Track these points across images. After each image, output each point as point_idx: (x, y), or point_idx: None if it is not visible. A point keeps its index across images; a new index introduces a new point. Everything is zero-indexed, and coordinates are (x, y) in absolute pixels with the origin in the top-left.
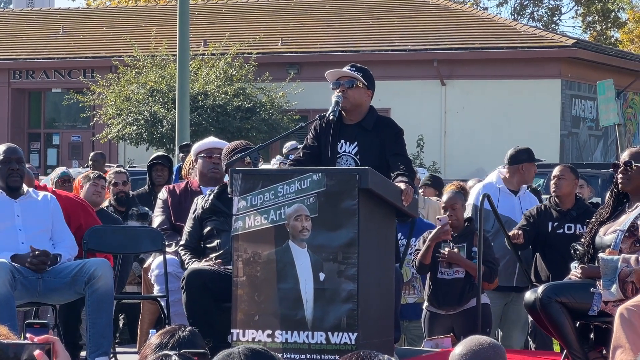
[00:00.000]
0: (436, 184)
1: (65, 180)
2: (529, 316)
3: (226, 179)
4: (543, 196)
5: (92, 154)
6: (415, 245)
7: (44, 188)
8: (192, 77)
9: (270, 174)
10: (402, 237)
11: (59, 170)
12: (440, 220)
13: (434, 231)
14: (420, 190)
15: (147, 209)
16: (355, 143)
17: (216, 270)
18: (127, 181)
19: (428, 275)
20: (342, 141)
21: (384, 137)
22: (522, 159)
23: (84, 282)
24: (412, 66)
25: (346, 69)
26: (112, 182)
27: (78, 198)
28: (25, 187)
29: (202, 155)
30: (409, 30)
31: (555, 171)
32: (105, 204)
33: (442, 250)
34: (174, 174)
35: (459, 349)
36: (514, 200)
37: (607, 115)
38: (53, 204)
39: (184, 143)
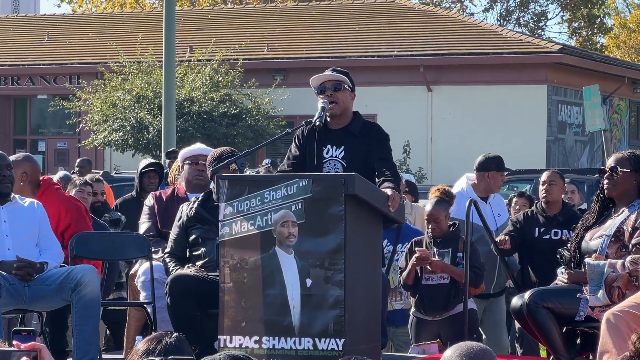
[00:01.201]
0: (411, 191)
1: (66, 182)
2: (516, 321)
3: (212, 186)
4: None
5: (78, 160)
6: (401, 252)
7: (49, 181)
8: (178, 83)
9: (257, 180)
10: (389, 244)
11: (61, 173)
12: (419, 252)
13: (413, 257)
14: None
15: (119, 214)
16: (342, 147)
17: (200, 275)
18: (104, 192)
19: None
20: (329, 146)
21: (371, 141)
22: (489, 167)
23: (70, 288)
24: (398, 72)
25: (328, 72)
26: (92, 190)
27: (79, 202)
28: (12, 194)
29: (188, 162)
30: (395, 36)
31: (545, 177)
32: None
33: (418, 250)
34: (164, 180)
35: (449, 352)
36: (486, 208)
37: (593, 121)
38: (40, 211)
39: (171, 149)
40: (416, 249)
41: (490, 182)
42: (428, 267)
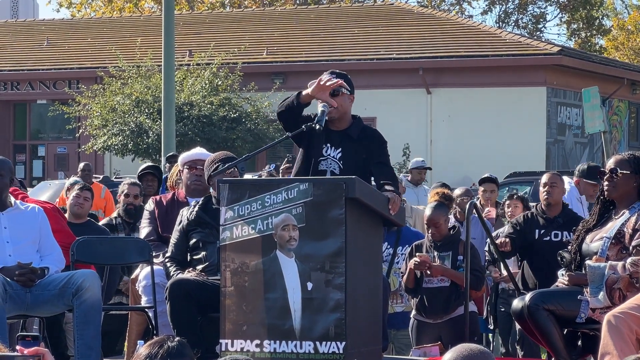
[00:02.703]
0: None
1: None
2: (517, 324)
3: (211, 190)
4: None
5: (82, 164)
6: (401, 254)
7: (14, 192)
8: (177, 87)
9: (257, 184)
10: (389, 247)
11: (72, 179)
12: (419, 257)
13: (411, 261)
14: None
15: None
16: (340, 149)
17: (200, 279)
18: (139, 195)
19: None
20: (328, 145)
21: (369, 147)
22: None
23: (71, 293)
24: (397, 75)
25: (326, 75)
26: (125, 192)
27: (46, 203)
28: (12, 199)
29: (186, 166)
30: (394, 39)
31: (546, 179)
32: (114, 214)
33: (417, 255)
34: (162, 184)
35: (449, 355)
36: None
37: (592, 123)
38: (40, 216)
39: (171, 154)
40: (416, 254)
41: (580, 188)
42: (427, 271)
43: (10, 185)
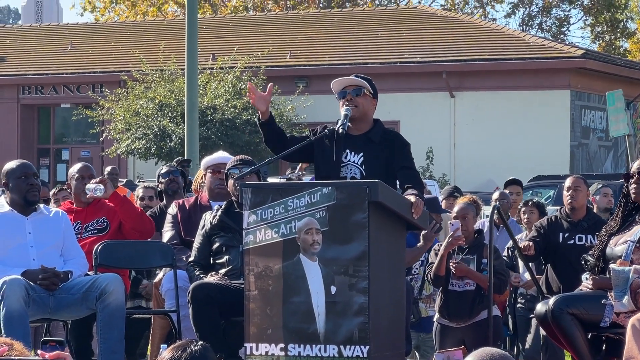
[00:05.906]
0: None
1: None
2: (540, 328)
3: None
4: (552, 207)
5: (109, 167)
6: (424, 259)
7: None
8: (200, 91)
9: (280, 188)
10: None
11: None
12: (452, 225)
13: (446, 239)
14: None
15: None
16: (362, 154)
17: (222, 283)
18: (155, 197)
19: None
20: (348, 150)
21: (392, 150)
22: None
23: (95, 297)
24: (421, 78)
25: (350, 78)
26: (140, 196)
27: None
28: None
29: (210, 170)
30: (417, 43)
31: (570, 183)
32: None
33: (450, 262)
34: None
35: (470, 359)
36: None
37: (617, 126)
38: (64, 221)
39: (182, 158)
40: (449, 222)
41: None
42: (452, 268)
43: None
